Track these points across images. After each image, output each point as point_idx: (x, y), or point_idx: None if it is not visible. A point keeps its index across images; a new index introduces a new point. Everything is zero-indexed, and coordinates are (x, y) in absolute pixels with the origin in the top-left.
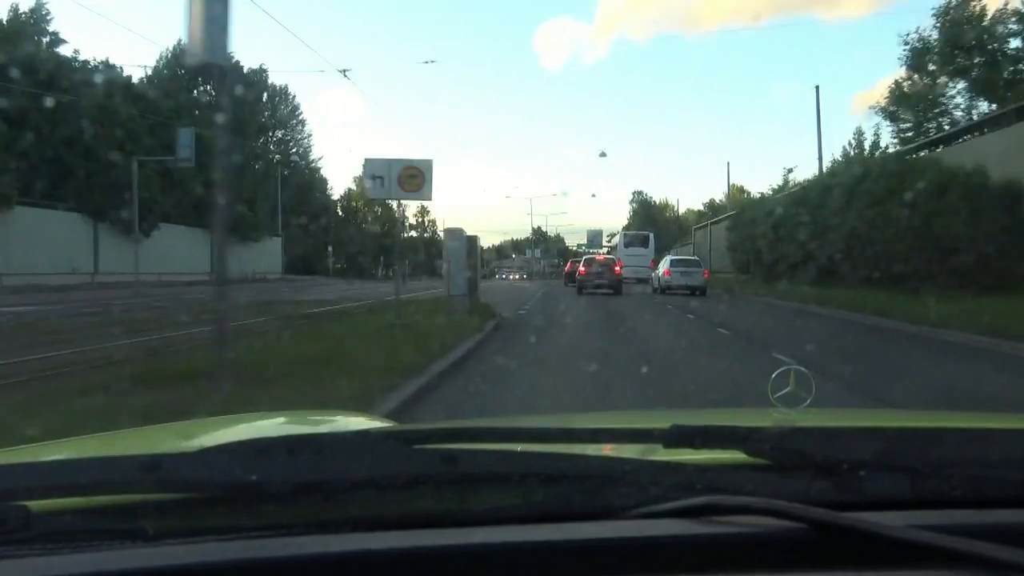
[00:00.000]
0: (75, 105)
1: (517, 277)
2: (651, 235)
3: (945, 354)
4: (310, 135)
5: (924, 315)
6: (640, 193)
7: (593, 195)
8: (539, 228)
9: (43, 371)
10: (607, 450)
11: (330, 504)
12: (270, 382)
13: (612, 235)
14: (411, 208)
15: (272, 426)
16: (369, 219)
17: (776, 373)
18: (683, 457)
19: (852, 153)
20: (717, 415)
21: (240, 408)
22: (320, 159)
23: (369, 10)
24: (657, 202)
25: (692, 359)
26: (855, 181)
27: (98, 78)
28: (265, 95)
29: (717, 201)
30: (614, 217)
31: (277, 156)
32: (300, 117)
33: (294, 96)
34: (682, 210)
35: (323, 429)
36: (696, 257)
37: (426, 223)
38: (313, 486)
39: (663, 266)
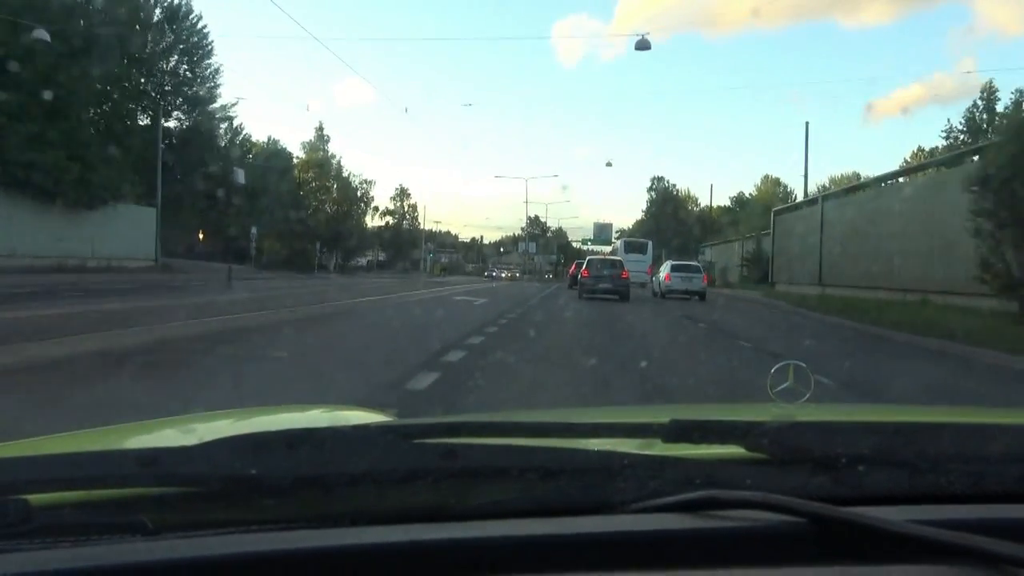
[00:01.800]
0: None
1: (507, 276)
2: (649, 243)
3: None
4: (218, 69)
5: None
6: (661, 179)
7: (608, 163)
8: (536, 217)
9: None
10: (606, 444)
11: (329, 498)
12: None
13: (621, 231)
14: (385, 189)
15: (271, 420)
16: (320, 196)
17: (775, 368)
18: (682, 452)
19: (981, 118)
20: (716, 410)
21: None
22: (234, 104)
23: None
24: (680, 193)
25: None
26: None
27: None
28: (158, 12)
29: (747, 194)
30: (624, 213)
31: (173, 93)
32: (208, 48)
33: (198, 18)
34: (703, 204)
35: (322, 423)
36: (696, 263)
37: (406, 208)
38: (312, 480)
39: (664, 271)
